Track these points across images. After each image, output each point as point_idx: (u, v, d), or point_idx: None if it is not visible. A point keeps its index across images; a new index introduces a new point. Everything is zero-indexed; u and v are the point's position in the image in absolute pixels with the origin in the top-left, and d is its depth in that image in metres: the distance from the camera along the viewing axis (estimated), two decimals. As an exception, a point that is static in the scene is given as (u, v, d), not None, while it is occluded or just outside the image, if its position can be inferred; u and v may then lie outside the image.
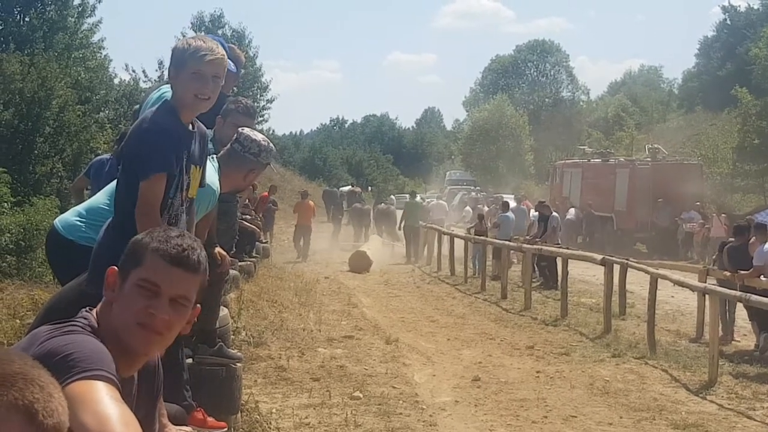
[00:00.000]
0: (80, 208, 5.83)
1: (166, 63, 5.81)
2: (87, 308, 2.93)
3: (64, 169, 30.86)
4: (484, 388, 11.81)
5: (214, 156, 5.95)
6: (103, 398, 2.44)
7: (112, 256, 3.13)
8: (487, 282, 23.48)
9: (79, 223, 5.53)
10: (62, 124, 31.56)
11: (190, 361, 6.42)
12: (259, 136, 6.15)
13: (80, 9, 46.03)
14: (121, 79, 51.29)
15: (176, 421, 3.97)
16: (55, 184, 29.91)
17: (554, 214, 26.54)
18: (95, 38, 47.59)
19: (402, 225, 33.92)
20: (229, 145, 6.08)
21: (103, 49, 48.60)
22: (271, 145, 6.23)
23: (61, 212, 6.50)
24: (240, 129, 6.20)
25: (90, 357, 2.58)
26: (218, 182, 5.78)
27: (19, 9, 44.40)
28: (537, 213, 27.53)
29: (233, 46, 7.96)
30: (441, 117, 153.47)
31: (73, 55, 43.20)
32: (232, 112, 6.84)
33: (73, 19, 45.63)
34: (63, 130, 31.63)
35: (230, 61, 6.99)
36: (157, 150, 4.78)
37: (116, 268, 2.94)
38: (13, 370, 1.93)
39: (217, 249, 6.44)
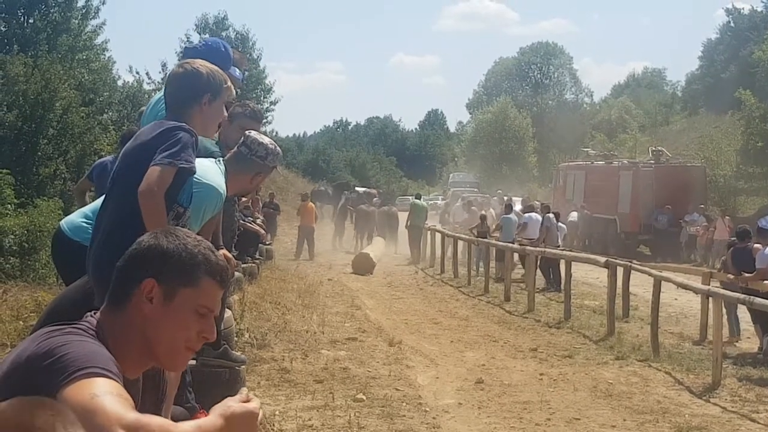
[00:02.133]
0: (86, 209, 5.85)
1: (170, 65, 5.90)
2: (92, 312, 2.92)
3: (68, 170, 30.93)
4: (487, 391, 11.79)
5: (221, 159, 5.96)
6: (99, 394, 2.43)
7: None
8: (490, 284, 23.48)
9: (85, 224, 5.55)
10: (66, 125, 31.64)
11: (193, 362, 6.42)
12: (267, 140, 6.15)
13: (84, 11, 46.19)
14: (124, 81, 51.43)
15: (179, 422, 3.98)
16: (58, 186, 29.97)
17: (548, 215, 26.53)
18: (99, 40, 47.85)
19: (407, 225, 34.01)
20: (236, 148, 6.08)
21: (107, 50, 48.90)
22: (278, 148, 6.23)
23: (65, 214, 6.54)
24: (247, 132, 6.20)
25: (85, 356, 2.57)
26: (225, 185, 5.78)
27: (23, 11, 44.54)
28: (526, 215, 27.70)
29: (235, 49, 7.99)
30: (444, 119, 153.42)
31: (76, 57, 43.33)
32: (239, 115, 6.85)
33: (76, 21, 45.77)
34: (66, 132, 31.71)
35: (235, 68, 7.03)
36: (185, 146, 4.82)
37: (154, 279, 2.84)
38: None
39: (223, 251, 6.45)
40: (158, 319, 2.85)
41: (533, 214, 27.14)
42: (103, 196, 5.39)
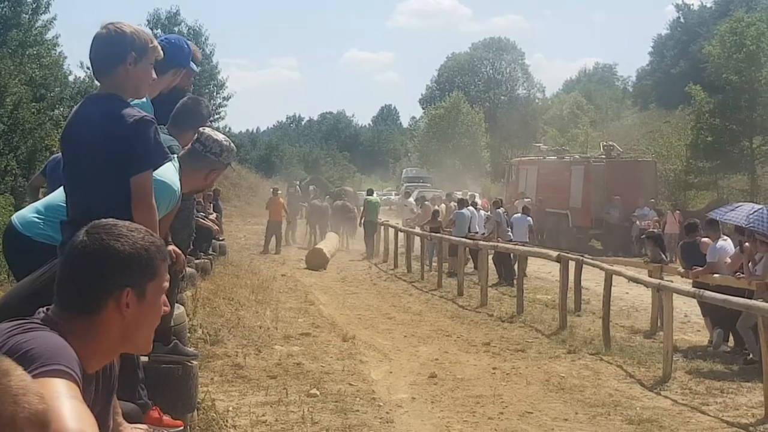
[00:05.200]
0: (38, 204, 5.81)
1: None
2: (45, 309, 2.91)
3: (19, 167, 30.63)
4: (440, 385, 11.83)
5: (175, 156, 5.91)
6: (57, 395, 2.43)
7: None
8: (443, 279, 23.54)
9: (36, 219, 5.51)
10: (16, 121, 31.33)
11: (145, 359, 6.39)
12: (221, 136, 6.11)
13: (34, 6, 45.62)
14: (75, 76, 50.85)
15: (131, 419, 3.96)
16: (9, 182, 29.65)
17: (498, 210, 26.72)
18: (49, 35, 47.25)
19: (362, 221, 34.10)
20: (190, 145, 6.05)
21: (58, 46, 48.24)
22: (233, 145, 6.20)
23: (16, 210, 6.49)
24: (201, 129, 6.17)
25: (49, 353, 2.57)
26: (179, 182, 5.74)
27: (-29, 6, 43.99)
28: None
29: (189, 42, 7.94)
30: (398, 114, 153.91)
31: (27, 52, 42.79)
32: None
33: (27, 16, 45.22)
34: (17, 128, 31.39)
35: (192, 63, 6.99)
36: (156, 141, 4.88)
37: (129, 288, 2.93)
38: None
39: (171, 247, 6.40)
40: (137, 318, 2.97)
41: (465, 210, 27.33)
42: (60, 191, 5.35)
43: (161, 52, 5.31)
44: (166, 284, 3.08)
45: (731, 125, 43.46)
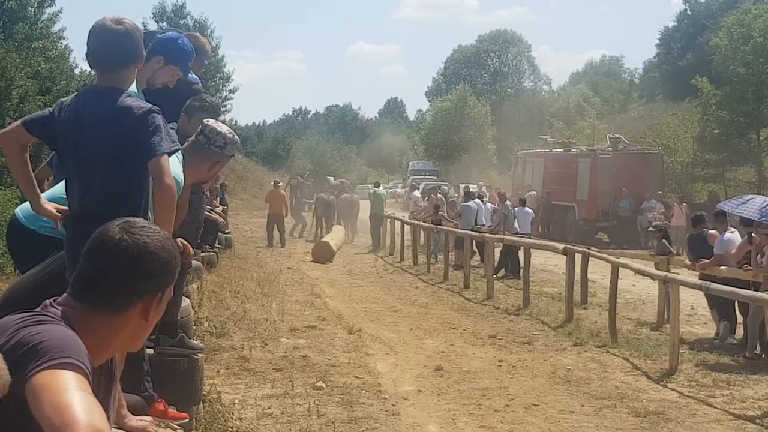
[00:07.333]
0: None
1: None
2: (51, 301, 2.90)
3: (25, 159, 30.63)
4: (446, 378, 11.84)
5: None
6: (67, 387, 2.43)
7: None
8: (449, 271, 23.51)
9: (40, 212, 5.50)
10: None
11: (151, 352, 6.39)
12: (224, 128, 6.10)
13: (40, -1, 45.70)
14: (82, 69, 50.77)
15: (136, 411, 3.97)
16: (15, 175, 29.68)
17: (506, 203, 26.71)
18: (55, 28, 47.32)
19: (368, 214, 34.09)
20: (194, 137, 6.03)
21: (64, 39, 48.33)
22: (236, 137, 6.19)
23: (22, 203, 6.45)
24: (205, 121, 6.15)
25: (59, 346, 2.56)
26: (182, 174, 5.73)
27: (-23, 0, 44.01)
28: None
29: (197, 34, 7.92)
30: (404, 107, 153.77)
31: (33, 46, 42.78)
32: (197, 110, 6.77)
33: (32, 9, 45.28)
34: (23, 121, 31.39)
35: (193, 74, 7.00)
36: (166, 129, 4.90)
37: (160, 293, 2.98)
38: None
39: (178, 239, 6.38)
40: (152, 321, 3.02)
41: (471, 203, 27.27)
42: (63, 183, 5.35)
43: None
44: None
45: (738, 117, 43.33)
